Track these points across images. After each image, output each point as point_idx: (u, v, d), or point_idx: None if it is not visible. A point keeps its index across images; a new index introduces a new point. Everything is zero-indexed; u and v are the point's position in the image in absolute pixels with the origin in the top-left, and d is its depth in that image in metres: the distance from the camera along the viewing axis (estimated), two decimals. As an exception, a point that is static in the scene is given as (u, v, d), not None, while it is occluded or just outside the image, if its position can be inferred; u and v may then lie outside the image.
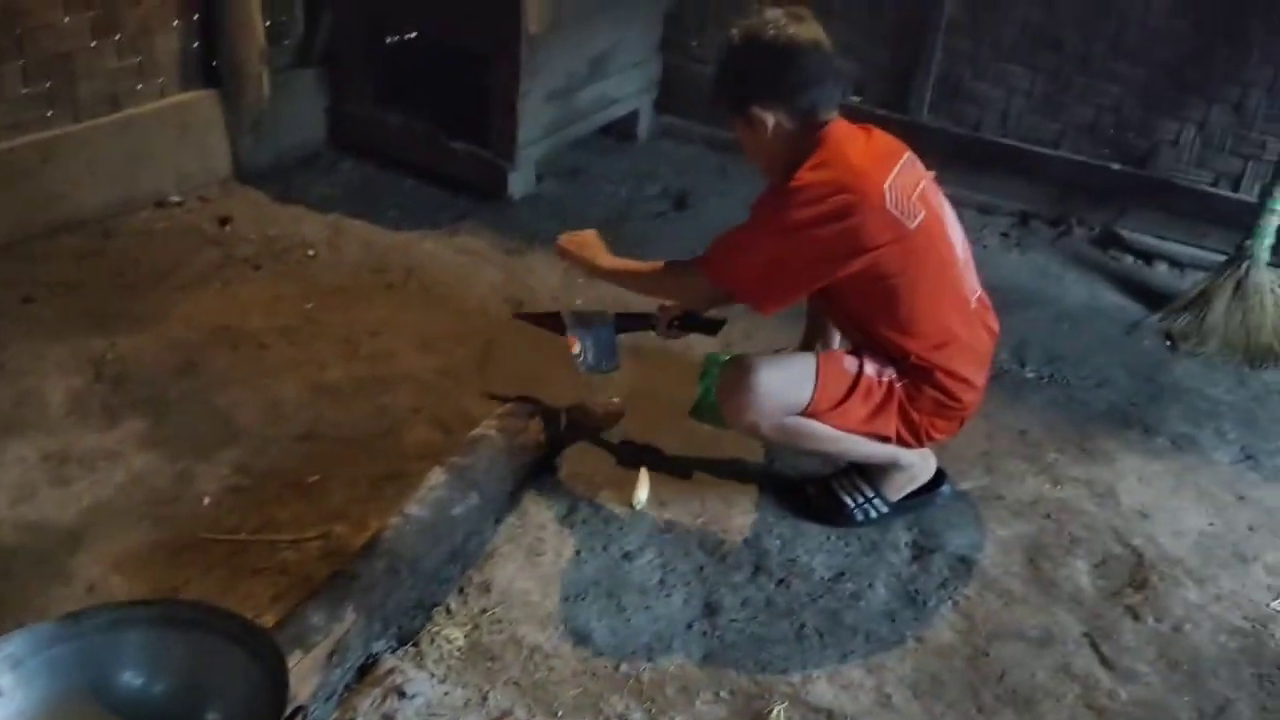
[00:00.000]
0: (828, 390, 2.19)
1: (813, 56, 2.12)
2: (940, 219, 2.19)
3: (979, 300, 2.28)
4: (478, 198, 3.69)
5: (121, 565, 2.13)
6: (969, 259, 2.28)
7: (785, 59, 2.10)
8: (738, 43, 2.17)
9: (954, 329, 2.20)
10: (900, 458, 2.33)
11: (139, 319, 2.87)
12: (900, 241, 2.09)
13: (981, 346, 2.28)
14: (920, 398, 2.23)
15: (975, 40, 3.76)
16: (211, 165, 3.55)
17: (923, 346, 2.19)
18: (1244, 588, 2.30)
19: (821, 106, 2.14)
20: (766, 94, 2.13)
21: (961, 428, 2.38)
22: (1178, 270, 3.56)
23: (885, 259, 2.10)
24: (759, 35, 2.12)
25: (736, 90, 2.18)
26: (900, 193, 2.09)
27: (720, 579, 2.22)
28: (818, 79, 2.12)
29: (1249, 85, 3.42)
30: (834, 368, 2.22)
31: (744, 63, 2.16)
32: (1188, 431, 2.79)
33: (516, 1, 3.36)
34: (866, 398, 2.21)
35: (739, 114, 2.18)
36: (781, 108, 2.13)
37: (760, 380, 2.18)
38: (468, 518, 2.18)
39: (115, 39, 3.19)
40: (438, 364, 2.82)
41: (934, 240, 2.15)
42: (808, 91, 2.12)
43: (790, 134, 2.15)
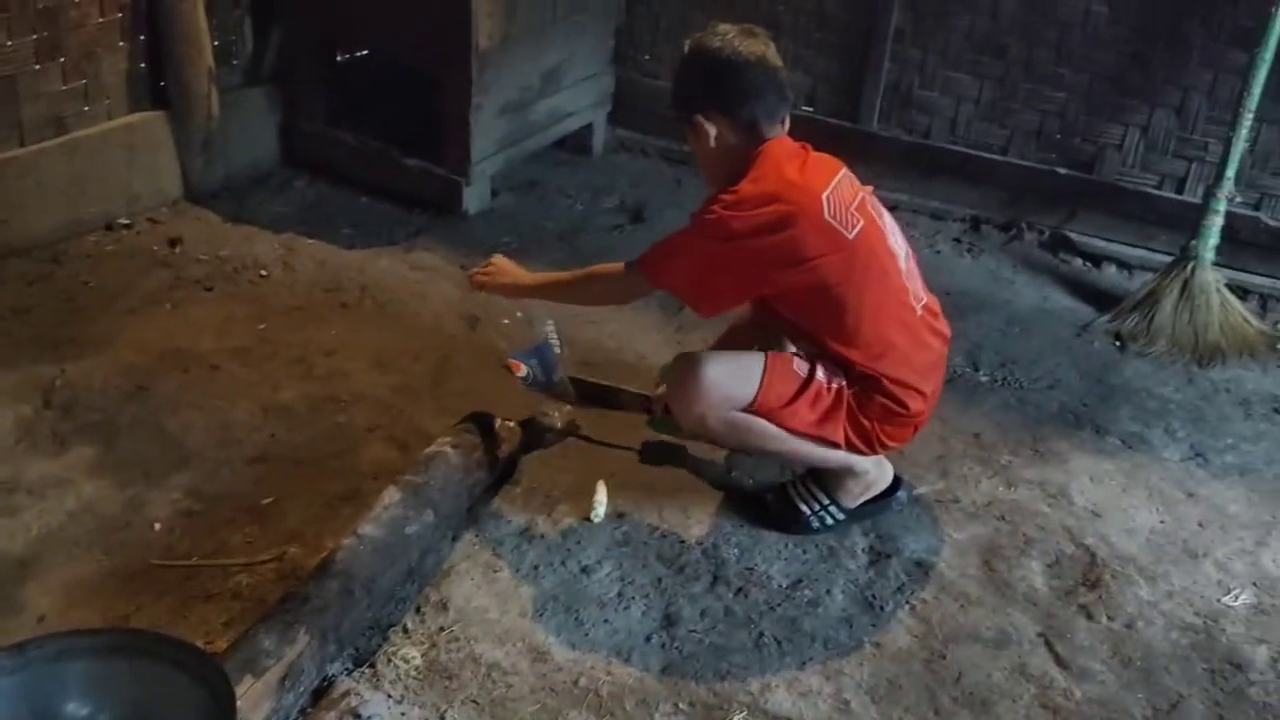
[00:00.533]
0: (774, 388, 2.21)
1: (756, 70, 2.17)
2: (880, 229, 2.22)
3: (925, 308, 2.31)
4: (432, 214, 3.68)
5: (72, 594, 2.10)
6: (913, 268, 2.31)
7: (729, 70, 2.16)
8: (687, 52, 2.24)
9: (897, 338, 2.22)
10: (855, 464, 2.35)
11: (88, 343, 2.84)
12: (839, 251, 2.12)
13: (929, 354, 2.30)
14: (870, 405, 2.25)
15: (922, 49, 3.81)
16: (161, 187, 3.52)
17: (866, 356, 2.21)
18: (1195, 584, 2.33)
19: (763, 120, 2.19)
20: (709, 103, 2.19)
21: (915, 435, 2.40)
22: (1126, 272, 3.62)
23: (825, 269, 2.13)
24: (706, 46, 2.20)
25: (683, 97, 2.25)
26: (838, 204, 2.14)
27: (679, 590, 2.23)
28: (759, 92, 2.17)
29: (1189, 89, 3.49)
30: (783, 367, 2.24)
31: (690, 71, 2.24)
32: (1138, 430, 2.83)
33: (466, 17, 3.37)
34: (815, 402, 2.24)
35: (686, 121, 2.24)
36: (724, 118, 2.19)
37: (707, 373, 2.21)
38: (423, 535, 2.16)
39: (60, 61, 3.15)
40: (393, 382, 2.81)
41: (874, 250, 2.18)
42: (749, 103, 2.17)
43: (732, 146, 2.20)
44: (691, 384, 2.22)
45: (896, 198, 3.94)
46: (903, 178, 3.97)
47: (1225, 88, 3.41)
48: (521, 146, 3.87)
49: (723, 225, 2.12)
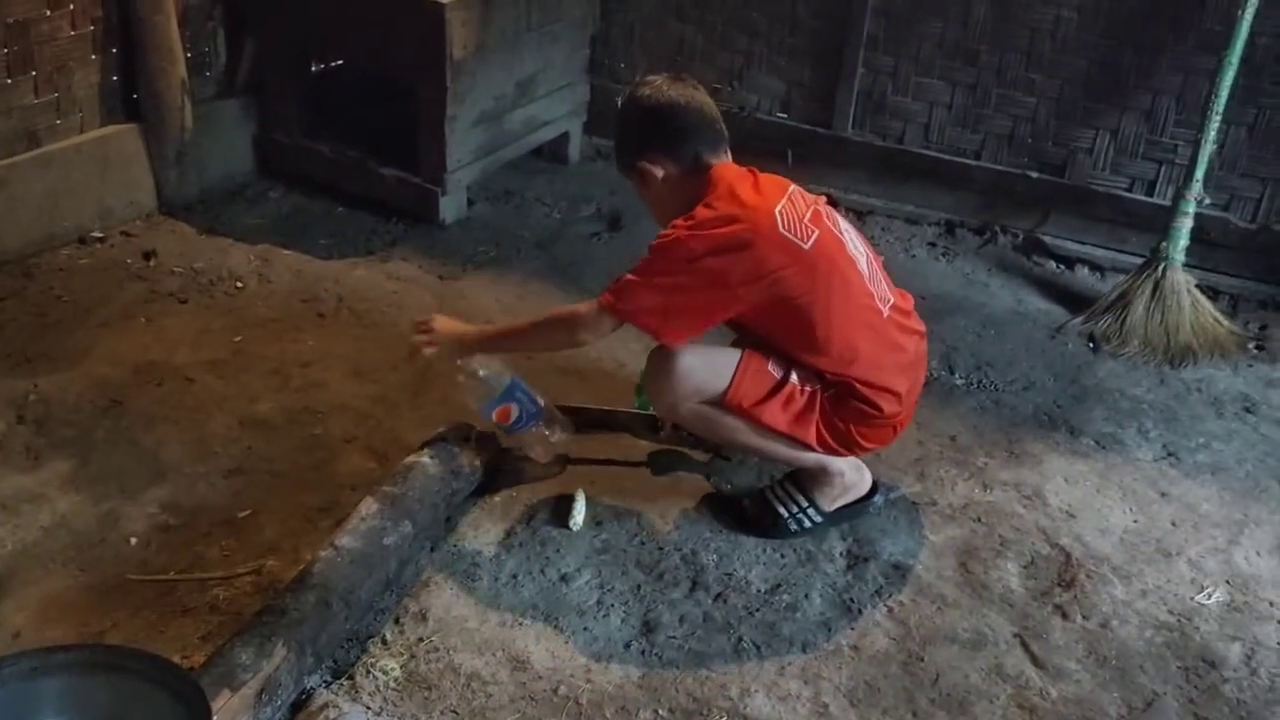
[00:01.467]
0: (745, 384, 2.24)
1: (689, 111, 2.25)
2: (837, 237, 2.25)
3: (894, 309, 2.32)
4: (409, 223, 3.68)
5: (47, 610, 2.09)
6: (877, 271, 2.33)
7: (665, 114, 2.25)
8: (621, 109, 2.34)
9: (864, 343, 2.24)
10: (830, 465, 2.37)
11: (62, 358, 2.82)
12: (798, 263, 2.15)
13: (902, 354, 2.31)
14: (844, 408, 2.28)
15: (895, 56, 3.83)
16: (135, 199, 3.50)
17: (835, 364, 2.24)
18: (1168, 582, 2.36)
19: (706, 154, 2.25)
20: (649, 148, 2.27)
21: (897, 436, 2.42)
22: (1098, 274, 3.65)
23: (786, 283, 2.16)
24: (639, 96, 2.29)
25: (624, 149, 2.33)
26: (792, 218, 2.17)
27: (658, 597, 2.23)
28: (696, 130, 2.25)
29: (1158, 92, 3.52)
30: (757, 365, 2.27)
31: (629, 124, 2.33)
32: (1111, 431, 2.86)
33: (440, 27, 3.37)
34: (788, 404, 2.26)
35: (631, 172, 2.31)
36: (667, 159, 2.25)
37: (681, 362, 2.24)
38: (401, 546, 2.16)
39: (31, 75, 3.14)
40: (371, 392, 2.81)
41: (832, 258, 2.20)
42: (687, 142, 2.25)
43: (680, 181, 2.26)
44: (665, 372, 2.26)
45: (871, 203, 3.98)
46: (877, 183, 4.00)
47: (1193, 91, 3.45)
48: (497, 156, 3.87)
49: (682, 247, 2.15)
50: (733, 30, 4.05)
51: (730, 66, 4.10)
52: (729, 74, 4.10)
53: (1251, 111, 3.42)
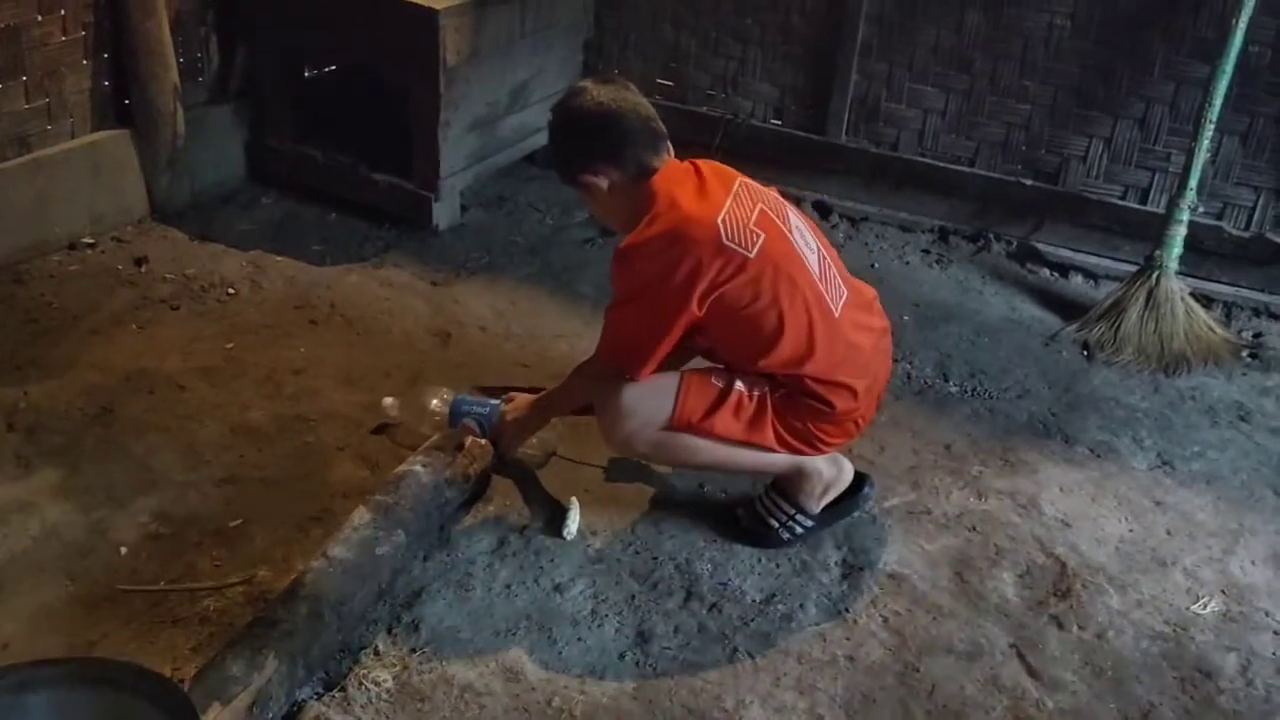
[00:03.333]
0: (690, 401, 2.23)
1: (624, 114, 2.21)
2: (784, 238, 2.22)
3: (848, 305, 2.30)
4: (402, 229, 3.67)
5: (36, 621, 2.07)
6: (830, 267, 2.31)
7: (602, 122, 2.21)
8: (555, 120, 2.30)
9: (816, 343, 2.21)
10: (804, 465, 2.35)
11: (52, 365, 2.80)
12: (743, 272, 2.14)
13: (857, 352, 2.28)
14: (796, 406, 2.26)
15: (889, 63, 3.83)
16: (126, 205, 3.48)
17: (786, 364, 2.22)
18: (1164, 592, 2.35)
19: (647, 157, 2.22)
20: (590, 159, 2.23)
21: (860, 431, 2.40)
22: (1092, 281, 3.65)
23: (732, 292, 2.15)
24: (573, 107, 2.25)
25: (567, 163, 2.29)
26: (735, 224, 2.15)
27: (652, 607, 2.22)
28: (633, 132, 2.21)
29: (1152, 100, 3.53)
30: (698, 380, 2.27)
31: (565, 136, 2.29)
32: (1106, 439, 2.86)
33: (434, 33, 3.36)
34: (737, 411, 2.25)
35: (576, 183, 2.28)
36: (611, 167, 2.22)
37: (624, 398, 2.23)
38: (394, 556, 2.14)
39: (22, 80, 3.12)
40: (363, 399, 2.79)
41: (779, 262, 2.18)
42: (627, 145, 2.21)
43: (625, 188, 2.24)
44: (612, 410, 2.25)
45: (865, 210, 3.98)
46: (871, 189, 4.00)
47: (1187, 99, 3.46)
48: (491, 162, 3.86)
49: (632, 278, 2.16)
50: (726, 37, 4.05)
51: (724, 73, 4.10)
52: (723, 80, 4.10)
53: (1245, 120, 3.42)
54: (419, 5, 3.35)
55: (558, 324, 3.22)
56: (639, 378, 2.22)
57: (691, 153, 2.35)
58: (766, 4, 3.94)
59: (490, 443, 2.50)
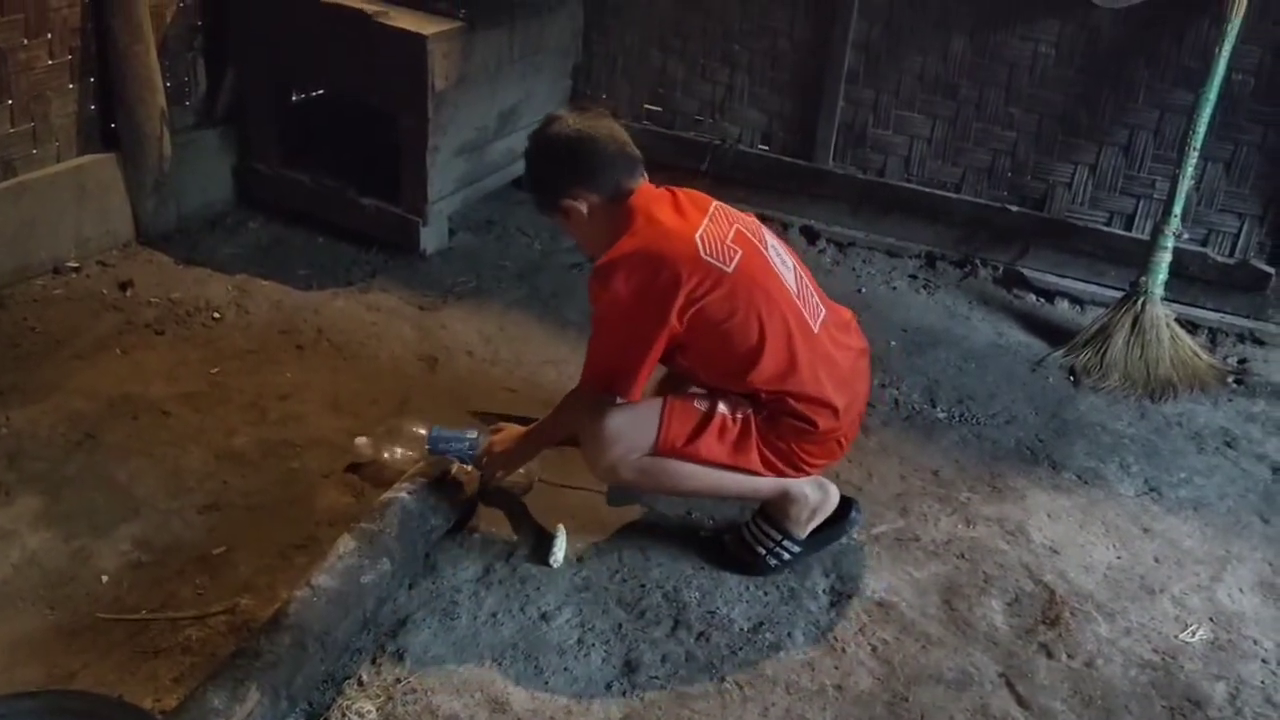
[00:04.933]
0: (673, 426, 2.23)
1: (599, 139, 2.27)
2: (761, 255, 2.25)
3: (826, 322, 2.32)
4: (389, 253, 3.66)
5: (16, 650, 2.04)
6: (807, 285, 2.33)
7: (579, 148, 2.26)
8: (532, 148, 2.34)
9: (796, 359, 2.22)
10: (790, 489, 2.34)
11: (35, 390, 2.78)
12: (720, 286, 2.16)
13: (836, 369, 2.29)
14: (779, 426, 2.27)
15: (876, 89, 3.85)
16: (112, 229, 3.47)
17: (768, 380, 2.23)
18: (1152, 620, 2.35)
19: (624, 180, 2.27)
20: (569, 184, 2.27)
21: (844, 451, 2.40)
22: (1078, 307, 3.67)
23: (711, 307, 2.16)
24: (551, 135, 2.29)
25: (545, 190, 2.33)
26: (713, 240, 2.19)
27: (640, 635, 2.20)
28: (609, 158, 2.26)
29: (1136, 128, 3.55)
30: (681, 404, 2.27)
31: (544, 163, 2.33)
32: (1093, 466, 2.86)
33: (422, 57, 3.36)
34: (722, 434, 2.25)
35: (556, 210, 2.31)
36: (590, 192, 2.26)
37: (608, 425, 2.23)
38: (379, 584, 2.12)
39: (8, 104, 3.11)
40: (349, 425, 2.77)
41: (756, 278, 2.20)
42: (604, 173, 2.26)
43: (604, 211, 2.27)
44: (595, 439, 2.24)
45: (852, 235, 3.99)
46: (858, 215, 4.01)
47: (1171, 126, 3.48)
48: (479, 186, 3.86)
49: (610, 295, 2.17)
50: (714, 62, 4.06)
51: (711, 98, 4.11)
52: (710, 105, 4.11)
53: (1229, 147, 3.45)
54: (408, 30, 3.36)
55: (546, 349, 3.21)
56: (630, 397, 2.22)
57: (679, 177, 2.37)
58: (754, 30, 3.96)
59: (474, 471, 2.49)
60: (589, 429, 2.25)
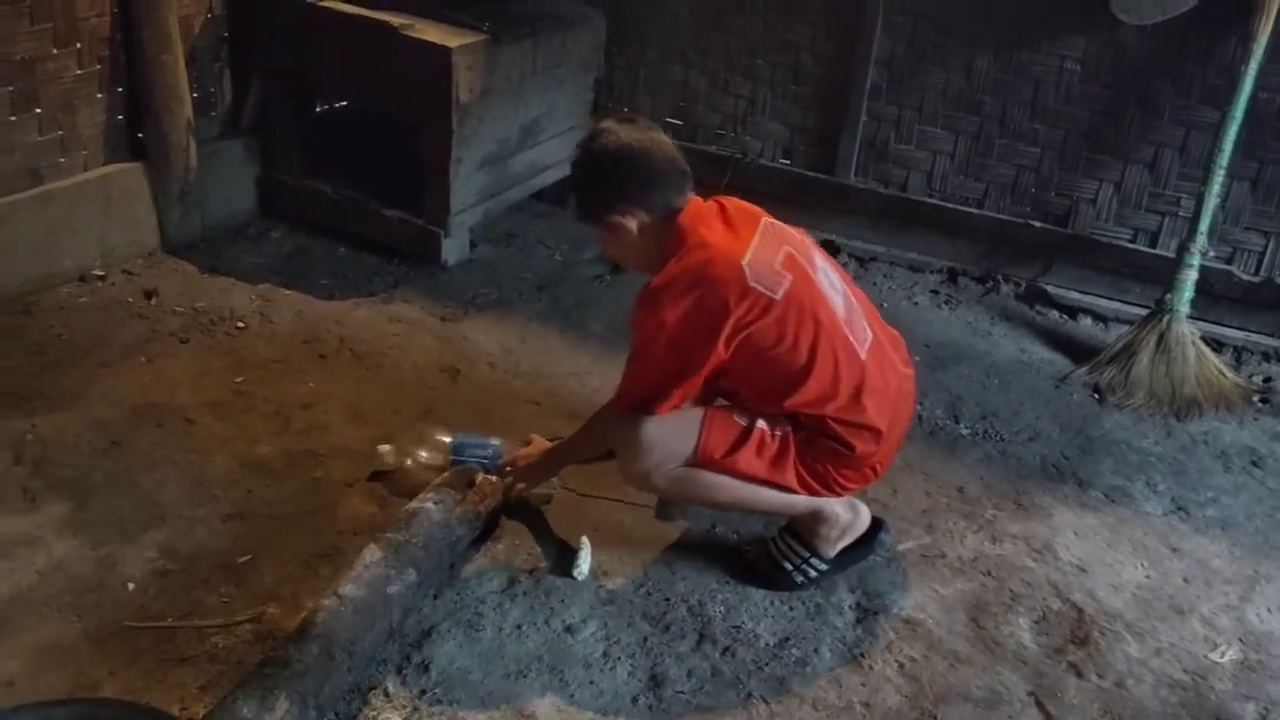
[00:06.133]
0: (713, 437, 2.21)
1: (650, 154, 2.21)
2: (810, 280, 2.21)
3: (874, 347, 2.28)
4: (411, 264, 3.67)
5: (43, 657, 2.04)
6: (854, 310, 2.29)
7: (629, 163, 2.20)
8: (580, 160, 2.28)
9: (839, 385, 2.20)
10: (823, 508, 2.32)
11: (61, 397, 2.78)
12: (769, 314, 2.13)
13: (879, 396, 2.25)
14: (817, 447, 2.25)
15: (898, 105, 3.85)
16: (137, 238, 3.48)
17: (807, 404, 2.20)
18: (1182, 640, 2.33)
19: (673, 197, 2.22)
20: (618, 198, 2.22)
21: (878, 477, 2.38)
22: (1102, 324, 3.65)
23: (758, 334, 2.14)
24: (599, 148, 2.22)
25: (592, 204, 2.28)
26: (761, 265, 2.14)
27: (665, 649, 2.19)
28: (662, 175, 2.21)
29: (1161, 145, 3.54)
30: (721, 416, 2.24)
31: (591, 177, 2.27)
32: (1120, 484, 2.84)
33: (447, 70, 3.37)
34: (760, 449, 2.23)
35: (600, 224, 2.26)
36: (638, 208, 2.21)
37: (645, 432, 2.20)
38: (405, 595, 2.12)
39: (36, 113, 3.13)
40: (372, 435, 2.77)
41: (805, 304, 2.17)
42: (655, 188, 2.21)
43: (652, 230, 2.23)
44: (632, 445, 2.22)
45: (873, 249, 3.98)
46: (879, 229, 4.01)
47: (1197, 144, 3.47)
48: (500, 198, 3.87)
49: (657, 319, 2.13)
50: (736, 76, 4.07)
51: (733, 112, 4.12)
52: (732, 119, 4.12)
53: (1254, 165, 3.43)
54: (433, 43, 3.37)
55: (567, 361, 3.21)
56: (665, 414, 2.20)
57: (700, 191, 2.34)
58: (777, 45, 3.97)
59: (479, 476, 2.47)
60: (626, 435, 2.22)
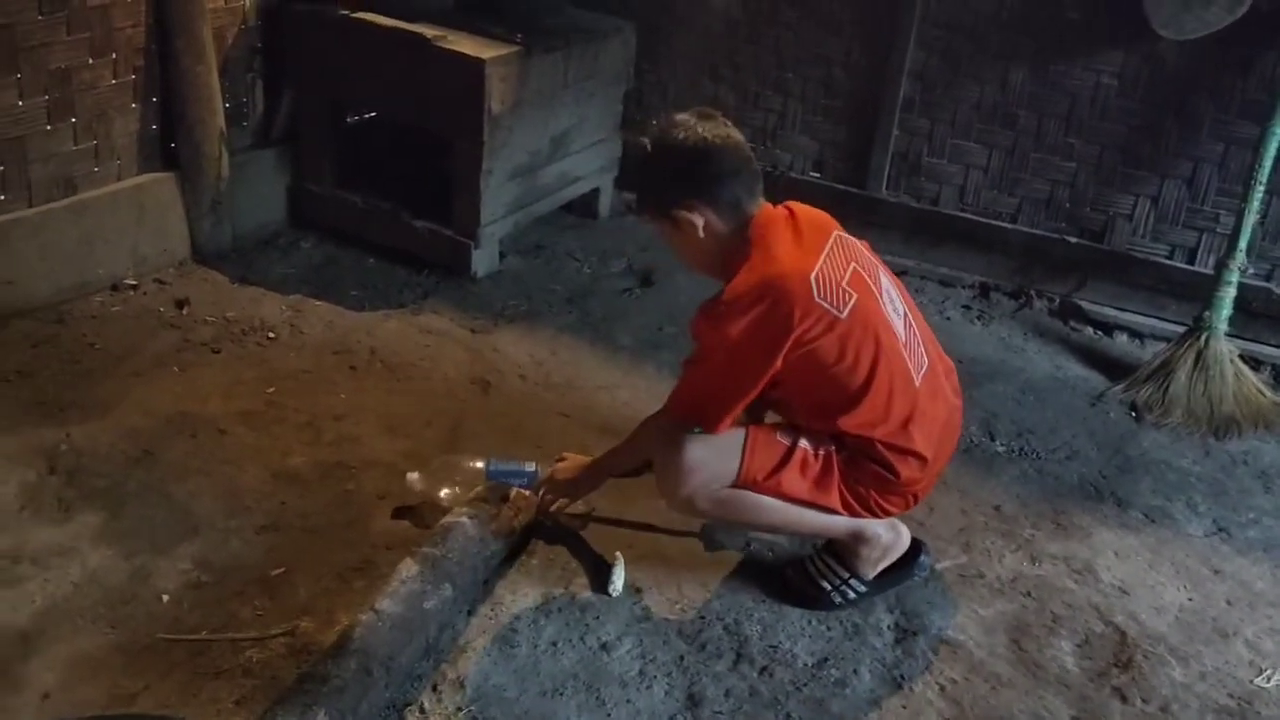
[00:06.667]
0: (757, 458, 2.17)
1: (725, 151, 2.14)
2: (875, 301, 2.17)
3: (928, 373, 2.24)
4: (441, 275, 3.66)
5: (77, 670, 2.03)
6: (913, 335, 2.25)
7: (701, 157, 2.13)
8: (651, 149, 2.20)
9: (890, 410, 2.16)
10: (864, 529, 2.29)
11: (94, 407, 2.78)
12: (832, 331, 2.09)
13: (928, 424, 2.22)
14: (860, 471, 2.21)
15: (931, 118, 3.83)
16: (169, 247, 3.49)
17: (860, 425, 2.16)
18: (1227, 664, 2.29)
19: (745, 199, 2.17)
20: (688, 193, 2.15)
21: (917, 503, 2.34)
22: (1138, 341, 3.61)
23: (820, 351, 2.10)
24: (672, 139, 2.15)
25: (659, 195, 2.22)
26: (828, 282, 2.09)
27: (702, 668, 2.17)
28: (733, 171, 2.15)
29: (1200, 160, 3.50)
30: (764, 437, 2.21)
31: (660, 167, 2.20)
32: (1160, 504, 2.80)
33: (480, 82, 3.37)
34: (804, 469, 2.19)
35: (665, 218, 2.20)
36: (707, 206, 2.15)
37: (688, 455, 2.16)
38: (441, 610, 2.11)
39: (71, 122, 3.14)
40: (404, 447, 2.76)
41: (869, 325, 2.13)
42: (726, 185, 2.14)
43: (719, 232, 2.17)
44: (674, 468, 2.18)
45: (904, 264, 3.95)
46: (910, 244, 3.98)
47: (1236, 160, 3.43)
48: (530, 210, 3.86)
49: (723, 333, 2.09)
50: (767, 90, 4.06)
51: (764, 125, 4.10)
52: (762, 133, 4.10)
53: (1294, 182, 3.40)
54: (466, 55, 3.37)
55: (598, 374, 3.19)
56: (714, 432, 2.17)
57: None
58: (808, 59, 3.96)
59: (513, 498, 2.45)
60: (667, 458, 2.19)
